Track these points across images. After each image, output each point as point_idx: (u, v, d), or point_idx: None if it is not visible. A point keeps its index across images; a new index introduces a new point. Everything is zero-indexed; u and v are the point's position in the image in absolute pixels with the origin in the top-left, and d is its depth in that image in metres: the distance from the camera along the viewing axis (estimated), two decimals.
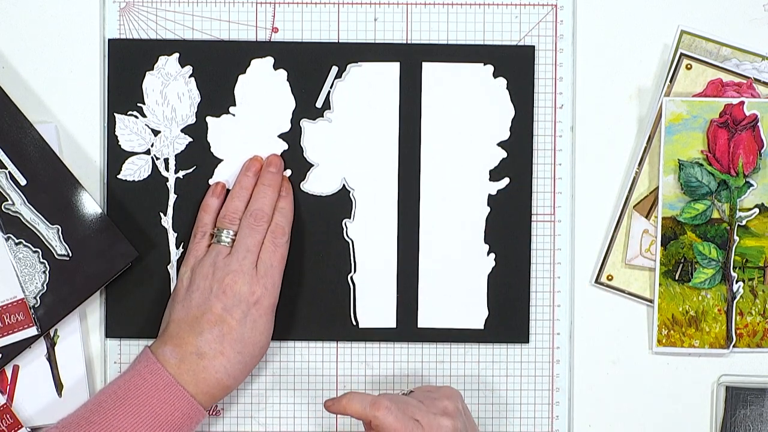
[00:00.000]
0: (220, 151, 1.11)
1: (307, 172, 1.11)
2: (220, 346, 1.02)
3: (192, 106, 1.11)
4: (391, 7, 1.11)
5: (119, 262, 1.08)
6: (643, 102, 1.11)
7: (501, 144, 1.11)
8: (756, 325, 1.11)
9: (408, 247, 1.11)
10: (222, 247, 1.05)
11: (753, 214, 1.10)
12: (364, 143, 1.11)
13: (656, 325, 1.10)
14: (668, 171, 1.10)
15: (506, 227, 1.12)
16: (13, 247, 1.07)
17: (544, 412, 1.12)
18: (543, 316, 1.12)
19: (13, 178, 1.07)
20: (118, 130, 1.11)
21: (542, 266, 1.12)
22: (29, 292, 1.07)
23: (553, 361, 1.12)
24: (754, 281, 1.10)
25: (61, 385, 1.09)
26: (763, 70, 1.11)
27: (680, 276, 1.10)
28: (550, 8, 1.12)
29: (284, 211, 1.08)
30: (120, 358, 1.11)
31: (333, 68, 1.10)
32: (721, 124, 1.09)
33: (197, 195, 1.10)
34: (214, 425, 1.12)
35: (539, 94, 1.12)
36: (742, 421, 1.10)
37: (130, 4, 1.11)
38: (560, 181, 1.12)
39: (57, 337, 1.09)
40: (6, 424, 1.07)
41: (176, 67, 1.10)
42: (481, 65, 1.11)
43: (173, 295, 1.06)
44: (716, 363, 1.12)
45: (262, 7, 1.11)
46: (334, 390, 1.12)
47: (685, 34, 1.11)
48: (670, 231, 1.10)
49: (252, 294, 1.03)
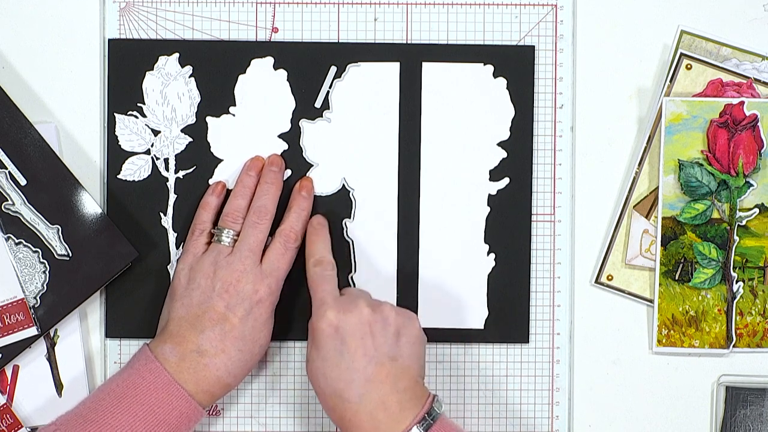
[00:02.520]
0: (220, 151, 1.11)
1: (307, 172, 1.11)
2: (221, 344, 1.02)
3: (192, 106, 1.11)
4: (391, 7, 1.11)
5: (119, 262, 1.08)
6: (643, 102, 1.11)
7: (501, 144, 1.11)
8: (756, 325, 1.11)
9: (408, 247, 1.11)
10: (223, 247, 1.05)
11: (753, 214, 1.10)
12: (364, 143, 1.11)
13: (656, 325, 1.10)
14: (668, 171, 1.10)
15: (506, 227, 1.12)
16: (13, 247, 1.07)
17: (544, 412, 1.12)
18: (543, 316, 1.12)
19: (13, 178, 1.07)
20: (118, 130, 1.11)
21: (542, 266, 1.12)
22: (29, 292, 1.07)
23: (553, 361, 1.12)
24: (754, 281, 1.10)
25: (61, 385, 1.09)
26: (763, 70, 1.11)
27: (680, 276, 1.10)
28: (550, 8, 1.12)
29: (302, 214, 1.08)
30: (120, 358, 1.11)
31: (332, 68, 1.10)
32: (721, 124, 1.09)
33: (197, 195, 1.10)
34: (214, 425, 1.12)
35: (539, 94, 1.12)
36: (742, 421, 1.10)
37: (130, 4, 1.11)
38: (560, 181, 1.12)
39: (57, 337, 1.09)
40: (6, 424, 1.07)
41: (176, 67, 1.10)
42: (481, 65, 1.11)
43: (171, 292, 1.06)
44: (716, 363, 1.12)
45: (262, 7, 1.11)
46: None
47: (685, 34, 1.11)
48: (670, 231, 1.10)
49: (255, 293, 1.03)
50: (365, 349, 0.99)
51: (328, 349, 1.00)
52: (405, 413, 0.98)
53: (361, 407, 0.98)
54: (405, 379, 1.00)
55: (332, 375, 0.99)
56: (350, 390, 0.99)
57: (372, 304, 1.02)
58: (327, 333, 1.00)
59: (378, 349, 1.00)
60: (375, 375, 0.99)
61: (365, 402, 0.98)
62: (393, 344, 1.01)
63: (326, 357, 1.00)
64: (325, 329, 1.00)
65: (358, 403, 0.99)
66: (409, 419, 0.98)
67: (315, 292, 1.03)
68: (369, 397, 0.98)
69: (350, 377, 0.99)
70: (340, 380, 0.99)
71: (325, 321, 1.00)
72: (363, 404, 0.98)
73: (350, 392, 0.99)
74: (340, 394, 0.99)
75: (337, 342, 1.00)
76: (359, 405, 0.98)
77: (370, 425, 0.98)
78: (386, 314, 1.01)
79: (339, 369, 0.99)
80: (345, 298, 1.02)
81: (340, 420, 1.00)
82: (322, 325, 1.00)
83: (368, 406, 0.98)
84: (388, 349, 1.00)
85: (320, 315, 1.01)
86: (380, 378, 0.99)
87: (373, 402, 0.98)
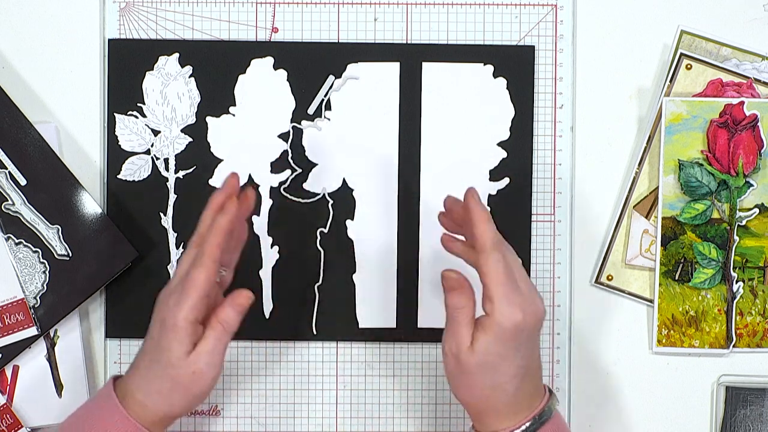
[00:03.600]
0: (220, 151, 1.11)
1: (307, 172, 1.11)
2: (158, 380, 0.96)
3: (192, 106, 1.11)
4: (391, 7, 1.11)
5: (119, 262, 1.08)
6: (643, 102, 1.11)
7: (501, 144, 1.11)
8: (756, 325, 1.11)
9: (408, 247, 1.11)
10: None
11: (753, 214, 1.10)
12: (364, 143, 1.11)
13: (656, 325, 1.10)
14: (668, 171, 1.10)
15: (506, 227, 1.11)
16: (13, 247, 1.07)
17: None
18: None
19: (13, 178, 1.07)
20: (118, 130, 1.11)
21: (542, 266, 1.12)
22: (29, 292, 1.07)
23: (553, 361, 1.12)
24: (754, 281, 1.10)
25: (61, 385, 1.09)
26: (763, 70, 1.11)
27: (680, 276, 1.10)
28: (550, 8, 1.12)
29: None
30: (120, 358, 1.11)
31: (329, 77, 1.10)
32: (721, 124, 1.09)
33: (197, 195, 1.10)
34: (214, 425, 1.12)
35: (539, 94, 1.12)
36: (742, 421, 1.10)
37: (130, 4, 1.11)
38: (560, 181, 1.12)
39: (57, 337, 1.09)
40: (6, 424, 1.07)
41: (176, 67, 1.10)
42: (481, 65, 1.11)
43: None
44: (716, 363, 1.12)
45: (262, 7, 1.11)
46: (334, 390, 1.12)
47: (685, 34, 1.11)
48: (670, 231, 1.10)
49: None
50: (531, 350, 0.94)
51: (508, 348, 0.93)
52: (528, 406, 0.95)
53: (514, 398, 0.94)
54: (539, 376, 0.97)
55: (503, 369, 0.93)
56: (511, 383, 0.94)
57: (540, 310, 0.94)
58: (511, 333, 0.92)
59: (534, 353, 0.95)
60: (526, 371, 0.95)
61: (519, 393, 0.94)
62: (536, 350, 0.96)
63: (504, 354, 0.93)
64: (510, 328, 0.92)
65: (513, 394, 0.94)
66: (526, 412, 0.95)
67: (501, 281, 0.93)
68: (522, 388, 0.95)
69: (515, 372, 0.94)
70: (506, 374, 0.93)
71: (512, 320, 0.92)
72: (517, 395, 0.94)
73: (510, 385, 0.94)
74: (500, 386, 0.94)
75: (517, 344, 0.93)
76: (513, 396, 0.94)
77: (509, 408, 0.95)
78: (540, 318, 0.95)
79: (511, 365, 0.94)
80: (528, 297, 0.94)
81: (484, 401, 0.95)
82: (509, 324, 0.92)
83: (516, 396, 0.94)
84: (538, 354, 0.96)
85: (515, 312, 0.92)
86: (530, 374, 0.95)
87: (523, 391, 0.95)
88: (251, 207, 1.00)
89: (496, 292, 0.92)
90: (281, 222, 1.11)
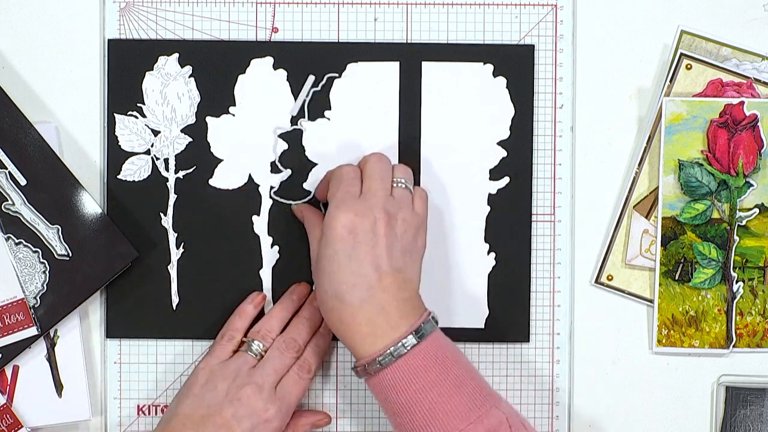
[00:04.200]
0: (220, 151, 1.11)
1: (307, 172, 1.11)
2: None
3: (192, 106, 1.11)
4: (391, 7, 1.11)
5: (119, 262, 1.08)
6: (643, 102, 1.11)
7: (501, 143, 1.11)
8: (756, 325, 1.11)
9: None
10: (249, 357, 1.04)
11: (753, 214, 1.10)
12: (364, 143, 1.11)
13: (656, 325, 1.10)
14: (668, 171, 1.10)
15: (506, 226, 1.12)
16: (13, 247, 1.07)
17: (544, 412, 1.12)
18: (543, 316, 1.12)
19: (13, 178, 1.07)
20: (118, 130, 1.11)
21: (542, 266, 1.12)
22: (29, 292, 1.07)
23: (553, 361, 1.12)
24: (754, 281, 1.10)
25: (61, 385, 1.09)
26: (763, 70, 1.11)
27: (680, 276, 1.10)
28: (550, 8, 1.12)
29: (318, 349, 1.07)
30: (120, 358, 1.11)
31: (310, 77, 1.10)
32: (721, 124, 1.09)
33: (197, 195, 1.10)
34: None
35: (539, 94, 1.12)
36: (742, 421, 1.10)
37: (130, 4, 1.11)
38: (560, 181, 1.12)
39: (57, 337, 1.09)
40: (6, 424, 1.07)
41: (176, 67, 1.10)
42: (481, 64, 1.11)
43: (185, 388, 1.04)
44: (716, 363, 1.12)
45: (262, 7, 1.11)
46: (334, 390, 1.12)
47: (685, 34, 1.11)
48: (670, 231, 1.10)
49: (265, 411, 1.02)
50: (374, 256, 0.99)
51: (338, 251, 0.99)
52: (402, 321, 0.99)
53: (360, 311, 0.98)
54: (407, 290, 1.00)
55: (337, 277, 0.99)
56: (352, 293, 0.98)
57: (389, 213, 1.01)
58: (340, 235, 0.99)
59: (386, 259, 0.99)
60: (379, 282, 0.99)
61: (365, 306, 0.98)
62: (400, 257, 1.00)
63: (334, 258, 0.99)
64: (339, 230, 0.99)
65: (358, 306, 0.98)
66: (405, 327, 0.98)
67: (336, 191, 1.02)
68: (370, 302, 0.98)
69: (354, 281, 0.98)
70: (343, 282, 0.99)
71: (340, 222, 0.99)
72: (363, 308, 0.98)
73: (352, 295, 0.98)
74: (341, 296, 0.99)
75: (348, 245, 0.99)
76: (359, 309, 0.98)
77: (368, 329, 0.98)
78: (399, 226, 1.01)
79: (345, 272, 0.99)
80: (363, 203, 1.01)
81: (337, 322, 0.99)
82: (337, 225, 0.99)
83: (368, 311, 0.98)
84: (395, 261, 1.00)
85: (336, 215, 1.00)
86: (383, 286, 0.99)
87: (374, 307, 0.98)
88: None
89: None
90: (281, 222, 1.11)
